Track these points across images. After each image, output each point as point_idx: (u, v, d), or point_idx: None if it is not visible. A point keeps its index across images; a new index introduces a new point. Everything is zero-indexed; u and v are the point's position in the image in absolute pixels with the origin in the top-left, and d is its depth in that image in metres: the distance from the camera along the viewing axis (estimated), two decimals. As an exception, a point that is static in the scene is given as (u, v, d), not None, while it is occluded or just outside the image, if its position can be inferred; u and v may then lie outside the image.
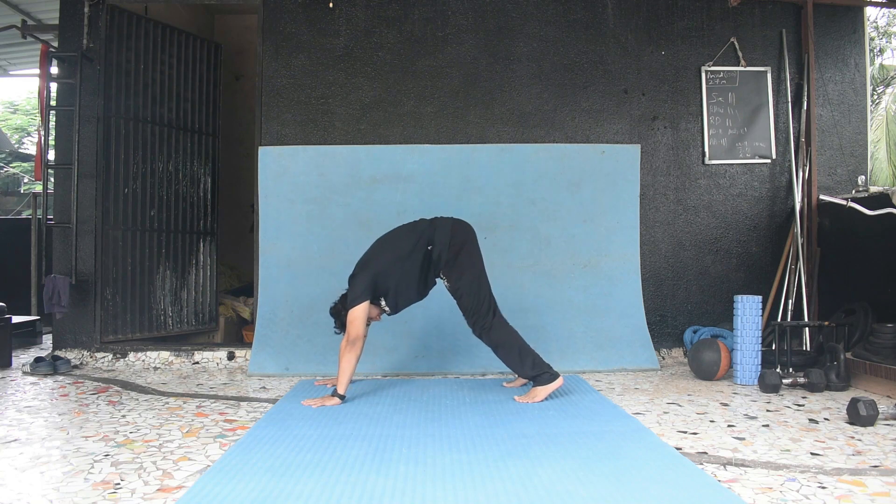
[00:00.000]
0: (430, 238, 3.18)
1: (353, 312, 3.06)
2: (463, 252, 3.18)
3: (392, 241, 3.26)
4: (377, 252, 3.24)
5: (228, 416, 2.95)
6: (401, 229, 3.31)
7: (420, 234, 3.20)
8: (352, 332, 3.05)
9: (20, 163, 13.90)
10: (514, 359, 3.17)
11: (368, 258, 3.24)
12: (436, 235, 3.18)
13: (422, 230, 3.22)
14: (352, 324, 3.05)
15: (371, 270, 3.14)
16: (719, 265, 4.60)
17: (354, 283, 3.14)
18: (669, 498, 1.88)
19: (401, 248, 3.18)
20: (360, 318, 3.05)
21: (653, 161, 4.57)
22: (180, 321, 4.84)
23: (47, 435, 2.61)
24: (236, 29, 6.46)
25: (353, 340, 3.04)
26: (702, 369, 3.78)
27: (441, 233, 3.18)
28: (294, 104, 4.45)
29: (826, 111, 4.68)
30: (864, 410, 2.69)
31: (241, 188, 6.11)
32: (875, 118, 11.21)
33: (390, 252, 3.19)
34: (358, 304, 3.06)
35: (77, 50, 4.31)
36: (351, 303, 3.08)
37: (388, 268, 3.15)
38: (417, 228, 3.25)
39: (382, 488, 1.96)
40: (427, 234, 3.19)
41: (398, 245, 3.20)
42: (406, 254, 3.16)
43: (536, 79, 4.53)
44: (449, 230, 3.20)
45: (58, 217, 4.39)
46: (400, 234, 3.28)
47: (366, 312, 3.08)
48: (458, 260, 3.17)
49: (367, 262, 3.21)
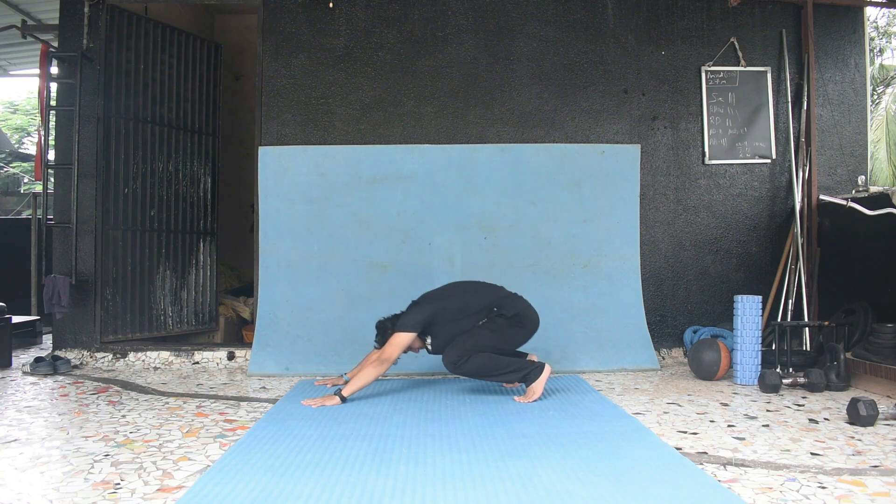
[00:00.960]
0: (501, 305, 3.23)
1: (398, 336, 3.10)
2: (515, 329, 3.23)
3: (468, 291, 3.31)
4: (448, 294, 3.28)
5: (228, 416, 2.95)
6: (481, 286, 3.39)
7: (494, 299, 3.26)
8: (387, 351, 3.08)
9: (20, 163, 13.90)
10: (493, 375, 3.19)
11: (438, 296, 3.28)
12: (509, 304, 3.24)
13: (498, 296, 3.29)
14: (392, 345, 3.09)
15: (434, 307, 3.18)
16: (719, 265, 4.60)
17: (413, 311, 3.18)
18: (669, 498, 1.88)
19: (471, 303, 3.23)
20: (401, 345, 3.10)
21: (653, 161, 4.57)
22: (180, 321, 4.84)
23: (47, 435, 2.61)
24: (236, 29, 6.45)
25: (384, 360, 3.07)
26: (702, 369, 3.78)
27: (513, 307, 3.25)
28: (294, 104, 4.45)
29: (826, 111, 4.68)
30: (864, 410, 2.69)
31: (241, 188, 6.11)
32: (875, 118, 11.21)
33: (459, 302, 3.23)
34: (406, 332, 3.11)
35: (77, 50, 4.31)
36: (401, 326, 3.12)
37: (450, 314, 3.18)
38: (495, 293, 3.31)
39: (382, 488, 1.96)
40: (501, 301, 3.25)
41: (470, 299, 3.25)
42: (473, 311, 3.21)
43: (536, 79, 4.53)
44: (522, 309, 3.27)
45: (58, 217, 4.39)
46: (477, 289, 3.34)
47: (410, 342, 3.13)
48: (507, 325, 3.21)
49: (435, 299, 3.25)
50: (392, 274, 4.26)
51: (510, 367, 3.15)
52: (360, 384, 3.08)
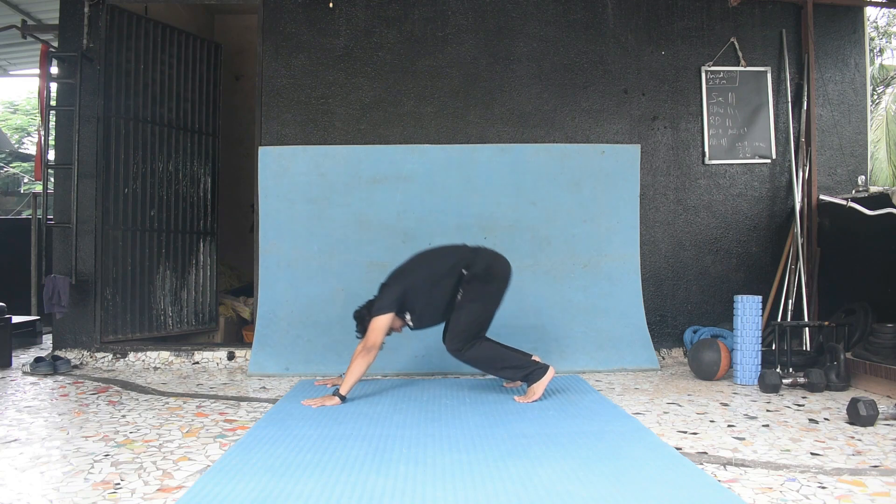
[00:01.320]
0: (467, 263, 3.20)
1: (376, 321, 3.08)
2: (490, 285, 3.20)
3: (431, 259, 3.29)
4: (414, 267, 3.26)
5: (228, 416, 2.95)
6: (442, 249, 3.35)
7: (459, 258, 3.22)
8: (371, 338, 3.07)
9: (20, 163, 13.90)
10: (495, 369, 3.19)
11: (404, 271, 3.26)
12: (476, 261, 3.20)
13: (462, 255, 3.24)
14: (373, 331, 3.07)
15: (403, 284, 3.16)
16: (719, 265, 4.60)
17: (385, 292, 3.16)
18: (669, 498, 1.88)
19: (438, 268, 3.20)
20: (382, 328, 3.08)
21: (653, 161, 4.57)
22: (180, 321, 4.84)
23: (47, 435, 2.61)
24: (236, 29, 6.45)
25: (370, 347, 3.06)
26: (702, 369, 3.78)
27: (482, 259, 3.22)
28: (294, 104, 4.45)
29: (826, 111, 4.68)
30: (864, 410, 2.69)
31: (241, 188, 6.11)
32: (875, 118, 11.21)
33: (426, 270, 3.21)
34: (383, 314, 3.08)
35: (77, 50, 4.31)
36: (377, 311, 3.10)
37: (421, 285, 3.16)
38: (458, 252, 3.27)
39: (382, 488, 1.96)
40: (467, 259, 3.22)
41: (436, 264, 3.23)
42: (441, 275, 3.18)
43: (536, 79, 4.53)
44: (491, 259, 3.24)
45: (58, 217, 4.39)
46: (440, 253, 3.31)
47: (389, 323, 3.10)
48: (484, 287, 3.18)
49: (402, 274, 3.23)
50: (392, 274, 4.26)
51: (514, 362, 3.15)
52: (354, 378, 3.06)
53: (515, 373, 3.16)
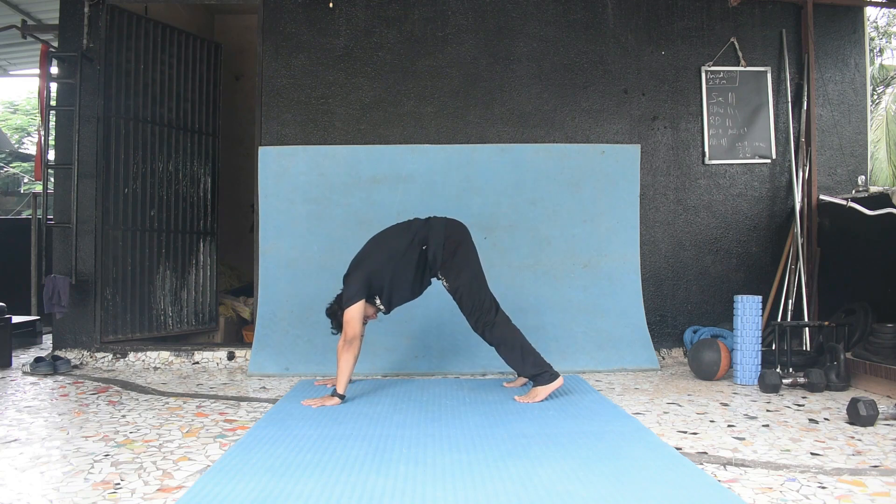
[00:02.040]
0: (424, 238, 3.18)
1: (348, 312, 3.06)
2: (459, 252, 3.18)
3: (386, 239, 3.26)
4: (371, 251, 3.24)
5: (228, 416, 2.95)
6: (395, 228, 3.31)
7: (414, 234, 3.20)
8: (348, 331, 3.05)
9: (20, 163, 13.91)
10: (515, 357, 3.17)
11: (362, 257, 3.24)
12: (430, 235, 3.17)
13: (416, 229, 3.22)
14: (348, 323, 3.05)
15: (365, 269, 3.14)
16: (719, 265, 4.60)
17: (349, 282, 3.14)
18: (669, 498, 1.88)
19: (395, 247, 3.18)
20: (356, 318, 3.06)
21: (653, 161, 4.57)
22: (180, 321, 4.84)
23: (47, 435, 2.61)
24: (236, 29, 6.45)
25: (350, 340, 3.04)
26: (702, 369, 3.78)
27: (436, 233, 3.18)
28: (294, 104, 4.45)
29: (826, 111, 4.69)
30: (864, 410, 2.69)
31: (241, 188, 6.11)
32: (875, 118, 11.21)
33: (384, 251, 3.19)
34: (353, 304, 3.06)
35: (77, 50, 4.31)
36: (346, 302, 3.08)
37: (383, 266, 3.14)
38: (412, 227, 3.25)
39: (382, 488, 1.96)
40: (421, 233, 3.19)
41: (392, 244, 3.20)
42: (400, 253, 3.16)
43: (536, 79, 4.53)
44: (443, 230, 3.20)
45: (58, 217, 4.39)
46: (394, 232, 3.28)
47: (361, 311, 3.08)
48: (455, 260, 3.17)
49: (361, 260, 3.21)
50: (392, 274, 4.26)
51: (536, 357, 3.15)
52: (345, 374, 3.06)
53: (531, 368, 3.15)
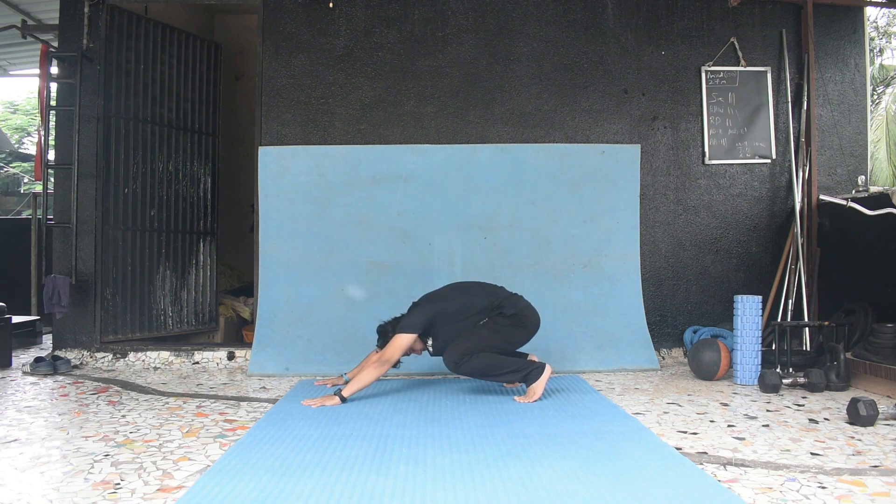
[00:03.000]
0: (502, 306, 3.23)
1: (399, 338, 3.10)
2: (518, 329, 3.23)
3: (468, 292, 3.31)
4: (449, 296, 3.29)
5: (228, 416, 2.95)
6: (481, 286, 3.39)
7: (495, 300, 3.26)
8: (388, 352, 3.09)
9: (20, 163, 13.91)
10: (496, 375, 3.18)
11: (438, 297, 3.28)
12: (509, 305, 3.24)
13: (499, 297, 3.28)
14: (392, 346, 3.09)
15: (436, 309, 3.18)
16: (719, 265, 4.60)
17: (414, 312, 3.19)
18: (669, 498, 1.88)
19: (472, 304, 3.23)
20: (403, 346, 3.11)
21: (653, 161, 4.56)
22: (180, 321, 4.84)
23: (47, 435, 2.61)
24: (236, 29, 6.45)
25: (385, 361, 3.08)
26: (702, 369, 3.78)
27: (516, 306, 3.25)
28: (294, 104, 4.45)
29: (826, 111, 4.68)
30: (864, 410, 2.69)
31: (241, 188, 6.11)
32: (875, 118, 11.21)
33: (461, 302, 3.23)
34: (408, 333, 3.11)
35: (77, 50, 4.31)
36: (402, 328, 3.13)
37: (451, 315, 3.19)
38: (496, 294, 3.30)
39: (382, 488, 1.96)
40: (502, 303, 3.25)
41: (471, 300, 3.25)
42: (474, 311, 3.21)
43: (536, 79, 4.52)
44: (525, 308, 3.27)
45: (58, 217, 4.39)
46: (478, 290, 3.34)
47: (410, 343, 3.14)
48: (509, 326, 3.21)
49: (437, 300, 3.26)
50: (392, 274, 4.27)
51: (511, 366, 3.15)
52: (361, 385, 3.08)
53: (514, 376, 3.17)
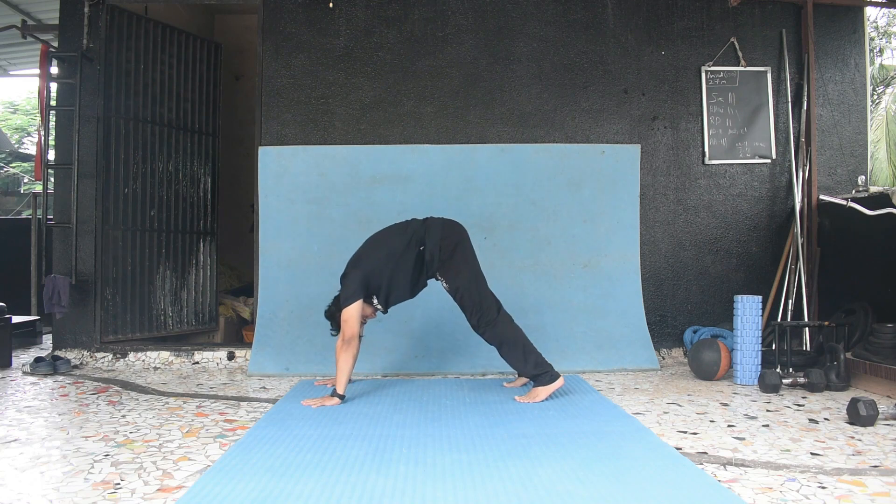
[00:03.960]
0: (421, 238, 3.19)
1: (346, 312, 3.07)
2: (457, 252, 3.19)
3: (383, 239, 3.27)
4: (368, 250, 3.24)
5: (228, 416, 2.95)
6: (392, 228, 3.32)
7: (412, 234, 3.21)
8: (346, 331, 3.06)
9: (20, 163, 13.91)
10: (517, 356, 3.17)
11: (359, 257, 3.25)
12: (427, 236, 3.18)
13: (413, 230, 3.23)
14: (346, 323, 3.06)
15: (362, 269, 3.14)
16: (719, 265, 4.60)
17: (346, 282, 3.15)
18: (669, 498, 1.88)
19: (392, 247, 3.19)
20: (354, 317, 3.06)
21: (653, 161, 4.56)
22: (180, 321, 4.84)
23: (47, 435, 2.61)
24: (236, 29, 6.45)
25: (349, 339, 3.05)
26: (702, 369, 3.78)
27: (433, 233, 3.19)
28: (294, 104, 4.45)
29: (826, 111, 4.68)
30: (864, 410, 2.69)
31: (241, 188, 6.11)
32: (875, 118, 11.21)
33: (382, 250, 3.20)
34: (351, 304, 3.07)
35: (77, 50, 4.31)
36: (344, 302, 3.09)
37: (380, 266, 3.15)
38: (409, 228, 3.26)
39: (382, 488, 1.96)
40: (419, 234, 3.21)
41: (390, 244, 3.21)
42: (398, 252, 3.17)
43: (536, 79, 4.52)
44: (440, 231, 3.21)
45: (58, 217, 4.39)
46: (391, 232, 3.29)
47: (359, 311, 3.09)
48: (453, 260, 3.18)
49: (358, 260, 3.22)
50: (392, 274, 4.26)
51: (537, 356, 3.15)
52: (344, 373, 3.06)
53: (533, 368, 3.14)
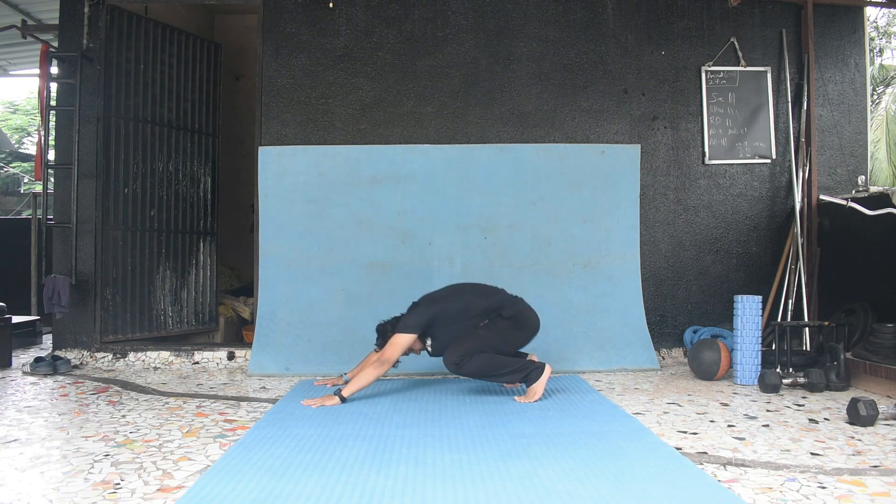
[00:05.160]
0: (502, 307, 3.24)
1: (398, 337, 3.11)
2: (518, 332, 3.24)
3: (468, 294, 3.31)
4: (449, 297, 3.29)
5: (228, 416, 2.95)
6: (482, 287, 3.39)
7: (496, 301, 3.26)
8: (388, 352, 3.09)
9: (20, 163, 13.91)
10: (497, 376, 3.18)
11: (439, 297, 3.28)
12: (509, 306, 3.25)
13: (500, 300, 3.28)
14: (392, 346, 3.10)
15: (435, 310, 3.18)
16: (719, 265, 4.60)
17: (414, 312, 3.19)
18: (669, 498, 1.88)
19: (472, 306, 3.23)
20: (402, 346, 3.11)
21: (653, 161, 4.56)
22: (180, 321, 4.84)
23: (47, 435, 2.61)
24: (236, 29, 6.45)
25: (385, 361, 3.08)
26: (702, 369, 3.78)
27: (516, 309, 3.26)
28: (294, 104, 4.45)
29: (826, 111, 4.68)
30: (864, 410, 2.69)
31: (241, 188, 6.11)
32: (875, 118, 11.21)
33: (461, 303, 3.24)
34: (407, 333, 3.11)
35: (77, 50, 4.31)
36: (401, 328, 3.13)
37: (451, 316, 3.19)
38: (497, 296, 3.31)
39: (382, 488, 1.96)
40: (503, 303, 3.25)
41: (472, 301, 3.25)
42: (474, 313, 3.21)
43: (536, 79, 4.52)
44: (524, 310, 3.28)
45: (58, 217, 4.39)
46: (478, 291, 3.34)
47: (409, 343, 3.14)
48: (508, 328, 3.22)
49: (437, 301, 3.26)
50: (392, 274, 4.27)
51: (511, 366, 3.15)
52: (360, 385, 3.08)
53: (514, 376, 3.17)
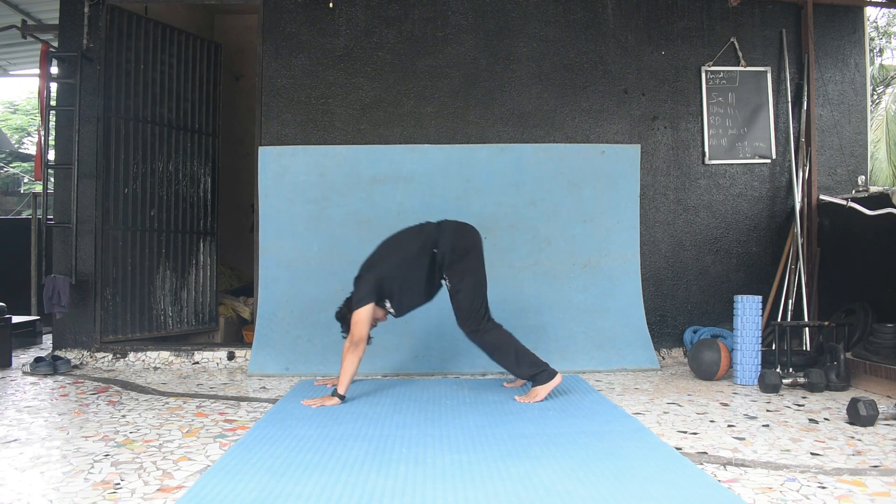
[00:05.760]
0: (435, 241, 3.19)
1: (357, 314, 3.07)
2: (468, 257, 3.20)
3: (398, 243, 3.27)
4: (383, 254, 3.25)
5: (228, 416, 2.95)
6: (407, 231, 3.32)
7: (426, 237, 3.21)
8: (355, 333, 3.06)
9: (20, 163, 13.91)
10: (510, 361, 3.18)
11: (374, 260, 3.25)
12: (441, 238, 3.19)
13: (428, 233, 3.24)
14: (355, 325, 3.06)
15: (376, 272, 3.15)
16: (719, 265, 4.60)
17: (359, 284, 3.16)
18: (669, 498, 1.88)
19: (407, 251, 3.20)
20: (364, 320, 3.07)
21: (653, 161, 4.57)
22: (180, 321, 4.84)
23: (47, 435, 2.61)
24: (236, 29, 6.45)
25: (357, 342, 3.05)
26: (702, 369, 3.78)
27: (447, 236, 3.20)
28: (294, 104, 4.45)
29: (826, 111, 4.69)
30: (864, 410, 2.69)
31: (241, 188, 6.11)
32: (875, 118, 11.21)
33: (396, 254, 3.20)
34: (363, 306, 3.07)
35: (77, 50, 4.31)
36: (356, 304, 3.09)
37: (394, 270, 3.16)
38: (424, 231, 3.26)
39: (382, 488, 1.96)
40: (433, 236, 3.21)
41: (404, 247, 3.22)
42: (412, 256, 3.18)
43: (536, 79, 4.53)
44: (455, 233, 3.23)
45: (58, 217, 4.39)
46: (406, 236, 3.29)
47: (370, 314, 3.10)
48: (463, 263, 3.18)
49: (373, 264, 3.23)
50: (392, 274, 4.26)
51: (529, 357, 3.15)
52: (348, 375, 3.06)
53: (528, 369, 3.15)
